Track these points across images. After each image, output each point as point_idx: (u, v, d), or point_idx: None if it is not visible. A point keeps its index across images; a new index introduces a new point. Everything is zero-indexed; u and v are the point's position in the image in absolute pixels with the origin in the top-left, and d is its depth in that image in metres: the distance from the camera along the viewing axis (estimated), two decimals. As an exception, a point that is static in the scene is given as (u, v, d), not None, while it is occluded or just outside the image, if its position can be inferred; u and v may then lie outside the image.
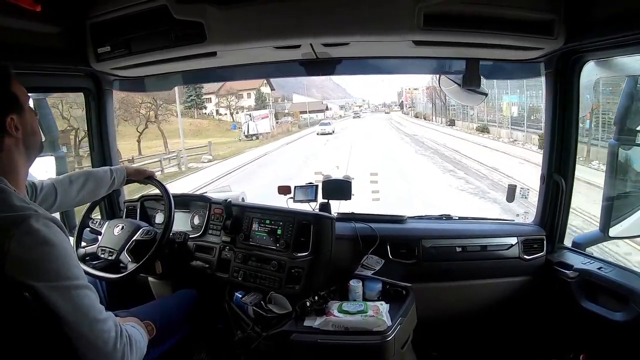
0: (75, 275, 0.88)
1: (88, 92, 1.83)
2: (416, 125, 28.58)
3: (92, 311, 0.89)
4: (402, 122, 35.32)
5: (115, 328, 0.93)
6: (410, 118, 39.90)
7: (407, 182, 9.60)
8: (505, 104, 16.53)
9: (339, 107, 54.76)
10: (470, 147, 14.56)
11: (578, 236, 1.72)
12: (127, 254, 1.49)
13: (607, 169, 1.56)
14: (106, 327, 0.90)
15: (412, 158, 13.85)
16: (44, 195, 1.25)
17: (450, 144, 16.09)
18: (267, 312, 1.44)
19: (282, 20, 1.30)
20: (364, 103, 65.10)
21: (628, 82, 1.50)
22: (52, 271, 0.85)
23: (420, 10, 1.22)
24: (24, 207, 0.88)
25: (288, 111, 37.96)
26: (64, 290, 0.86)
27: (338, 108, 53.36)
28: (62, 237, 0.88)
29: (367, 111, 58.74)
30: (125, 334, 0.95)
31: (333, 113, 47.92)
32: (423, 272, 1.69)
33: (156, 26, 1.40)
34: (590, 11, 1.28)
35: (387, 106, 62.96)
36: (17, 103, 0.96)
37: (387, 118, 44.01)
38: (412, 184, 9.34)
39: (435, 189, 9.03)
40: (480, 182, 9.59)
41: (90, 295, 0.90)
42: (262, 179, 10.06)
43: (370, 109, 61.26)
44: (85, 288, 0.90)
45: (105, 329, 0.90)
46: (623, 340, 1.34)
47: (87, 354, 0.90)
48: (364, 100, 68.44)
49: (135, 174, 1.55)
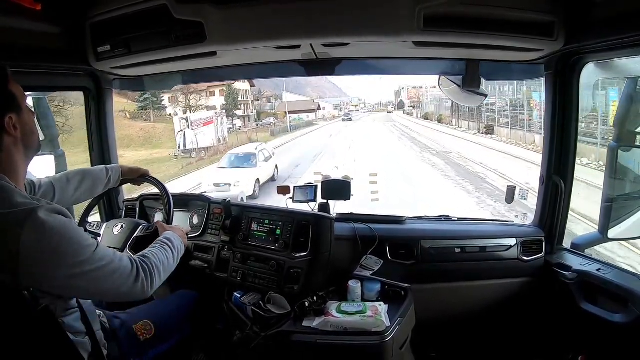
0: (86, 251, 0.92)
1: (88, 92, 1.83)
2: (435, 132, 20.01)
3: (108, 268, 0.95)
4: (411, 125, 27.27)
5: (132, 269, 1.00)
6: (416, 120, 32.67)
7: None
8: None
9: (333, 106, 49.42)
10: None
11: (577, 237, 1.73)
12: (130, 252, 1.48)
13: (606, 170, 1.56)
14: (121, 273, 0.98)
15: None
16: (42, 193, 1.26)
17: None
18: (266, 312, 1.44)
19: (282, 21, 1.30)
20: (360, 102, 59.74)
21: (628, 84, 1.50)
22: (66, 257, 0.89)
23: (420, 12, 1.22)
24: (26, 203, 0.89)
25: (275, 111, 33.78)
26: (81, 270, 0.91)
27: (332, 107, 48.33)
28: (69, 222, 0.92)
29: (364, 111, 53.76)
30: (141, 266, 1.02)
31: (325, 113, 43.14)
32: (422, 273, 1.69)
33: (156, 26, 1.40)
34: (590, 13, 1.28)
35: (385, 105, 57.90)
36: (15, 102, 0.97)
37: (388, 119, 35.76)
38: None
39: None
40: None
41: (102, 258, 0.95)
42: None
43: (367, 109, 56.24)
44: (97, 253, 0.94)
45: (120, 275, 0.98)
46: (622, 342, 1.34)
47: (113, 300, 1.09)
48: (360, 99, 62.43)
49: (129, 172, 1.55)
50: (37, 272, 0.86)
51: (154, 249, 1.14)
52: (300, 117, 35.37)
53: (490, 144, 13.99)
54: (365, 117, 42.11)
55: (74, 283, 0.91)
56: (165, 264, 1.11)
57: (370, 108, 57.07)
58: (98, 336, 1.11)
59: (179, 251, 1.22)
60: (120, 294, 1.01)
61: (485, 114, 16.70)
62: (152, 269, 1.04)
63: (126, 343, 1.25)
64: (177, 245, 1.22)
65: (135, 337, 1.28)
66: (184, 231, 1.39)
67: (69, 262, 0.89)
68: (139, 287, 1.00)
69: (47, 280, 0.87)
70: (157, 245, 1.17)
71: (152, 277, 1.04)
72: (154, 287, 1.04)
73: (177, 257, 1.19)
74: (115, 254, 1.00)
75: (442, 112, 24.73)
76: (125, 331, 1.27)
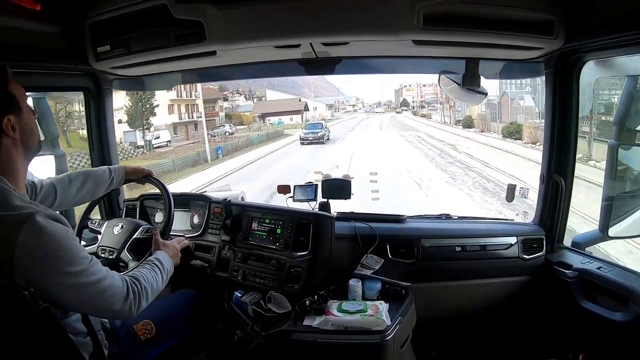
0: (81, 262, 0.92)
1: (87, 92, 1.83)
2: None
3: (100, 285, 0.95)
4: (448, 138, 16.65)
5: (123, 288, 1.00)
6: (442, 125, 21.59)
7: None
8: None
9: (326, 106, 42.28)
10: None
11: (577, 236, 1.73)
12: (128, 253, 1.48)
13: (606, 169, 1.56)
14: (113, 292, 0.97)
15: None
16: (43, 194, 1.25)
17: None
18: (266, 312, 1.44)
19: (281, 20, 1.30)
20: (358, 102, 53.85)
21: (628, 82, 1.50)
22: (61, 265, 0.89)
23: (420, 10, 1.22)
24: (23, 207, 0.89)
25: (252, 113, 25.97)
26: (74, 281, 0.90)
27: (325, 108, 41.47)
28: (66, 231, 0.91)
29: (360, 111, 47.50)
30: (131, 287, 1.02)
31: (316, 115, 34.40)
32: (422, 272, 1.69)
33: (156, 25, 1.39)
34: (590, 11, 1.28)
35: (384, 105, 52.66)
36: (14, 103, 0.96)
37: (399, 124, 24.23)
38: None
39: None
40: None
41: (95, 273, 0.95)
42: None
43: (364, 109, 50.56)
44: (91, 267, 0.94)
45: (112, 294, 0.97)
46: (622, 341, 1.34)
47: (99, 316, 1.06)
48: (358, 98, 55.92)
49: (133, 172, 1.54)
50: (32, 275, 0.85)
51: (144, 269, 1.13)
52: (281, 120, 26.50)
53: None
54: (366, 118, 34.04)
55: (67, 292, 0.90)
56: (153, 286, 1.10)
57: (368, 108, 51.61)
58: (99, 336, 1.11)
59: (168, 273, 1.21)
60: (108, 312, 1.00)
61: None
62: (141, 291, 1.03)
63: (127, 343, 1.25)
64: (167, 267, 1.21)
65: (135, 336, 1.28)
66: (177, 249, 1.37)
67: (63, 270, 0.89)
68: (126, 308, 0.99)
69: (41, 284, 0.87)
70: (147, 266, 1.16)
71: (140, 299, 1.03)
72: (140, 310, 1.03)
73: (165, 279, 1.18)
74: (108, 271, 0.99)
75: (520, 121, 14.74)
76: (126, 331, 1.27)
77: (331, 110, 41.63)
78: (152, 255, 1.24)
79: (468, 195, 9.02)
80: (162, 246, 1.31)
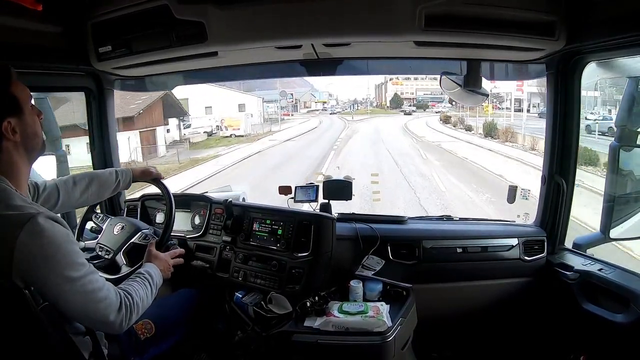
0: (79, 268, 0.92)
1: (89, 92, 1.83)
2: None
3: (96, 295, 0.95)
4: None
5: (117, 301, 1.00)
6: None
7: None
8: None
9: (263, 104, 27.75)
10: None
11: (578, 237, 1.72)
12: (123, 256, 1.47)
13: (608, 170, 1.56)
14: (107, 304, 0.97)
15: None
16: (46, 195, 1.25)
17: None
18: (267, 312, 1.44)
19: (283, 21, 1.30)
20: (330, 99, 41.19)
21: (629, 84, 1.50)
22: (60, 268, 0.89)
23: (421, 11, 1.22)
24: (25, 207, 0.89)
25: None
26: (71, 286, 0.90)
27: (258, 105, 26.60)
28: (66, 234, 0.91)
29: (329, 112, 35.86)
30: (124, 301, 1.01)
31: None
32: (423, 273, 1.69)
33: (157, 26, 1.40)
34: (592, 12, 1.28)
35: (360, 103, 39.46)
36: (15, 106, 0.95)
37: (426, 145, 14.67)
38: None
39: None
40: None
41: (92, 282, 0.95)
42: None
43: (338, 107, 38.57)
44: (88, 275, 0.94)
45: (106, 306, 0.97)
46: (624, 342, 1.34)
47: (90, 326, 1.04)
48: (331, 95, 42.45)
49: (141, 175, 1.51)
50: (30, 276, 0.86)
51: (136, 284, 1.12)
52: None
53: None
54: (327, 129, 22.09)
55: (62, 296, 0.90)
56: (144, 301, 1.10)
57: (342, 108, 39.14)
58: (98, 335, 1.11)
59: (157, 287, 1.20)
60: (100, 323, 0.99)
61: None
62: (132, 306, 1.03)
63: (127, 342, 1.25)
64: (157, 281, 1.19)
65: (135, 336, 1.28)
66: (170, 263, 1.32)
67: (61, 273, 0.89)
68: (118, 321, 0.99)
69: (39, 286, 0.87)
70: (138, 280, 1.14)
71: (131, 314, 1.02)
72: (130, 324, 1.03)
73: (154, 293, 1.17)
74: (104, 282, 0.99)
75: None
76: (126, 330, 1.27)
77: (282, 111, 29.00)
78: (143, 267, 1.21)
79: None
80: (154, 259, 1.28)
